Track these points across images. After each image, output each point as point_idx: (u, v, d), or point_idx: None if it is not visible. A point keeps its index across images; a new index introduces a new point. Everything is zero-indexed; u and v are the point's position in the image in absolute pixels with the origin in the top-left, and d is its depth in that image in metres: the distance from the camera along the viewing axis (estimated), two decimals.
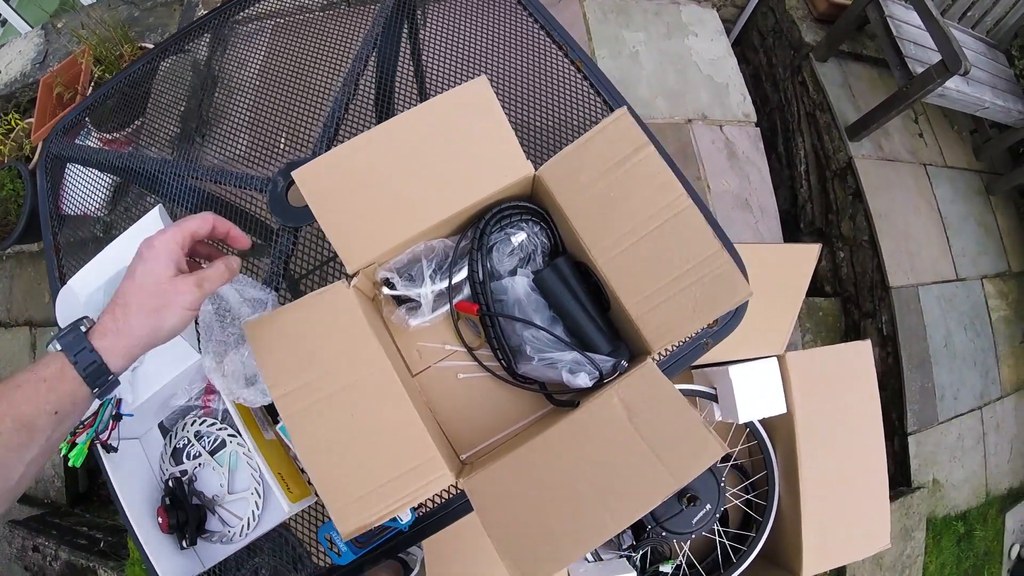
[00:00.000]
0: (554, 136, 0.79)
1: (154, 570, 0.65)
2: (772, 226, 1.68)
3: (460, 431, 0.62)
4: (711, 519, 1.16)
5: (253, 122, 1.08)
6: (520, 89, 0.84)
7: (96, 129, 2.05)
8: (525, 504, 0.50)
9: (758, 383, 1.13)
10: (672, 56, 1.84)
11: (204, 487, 0.74)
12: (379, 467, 0.52)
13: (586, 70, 0.76)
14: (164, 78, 1.36)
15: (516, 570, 0.47)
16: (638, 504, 0.49)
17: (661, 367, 0.65)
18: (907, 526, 1.88)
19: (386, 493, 0.51)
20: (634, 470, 0.50)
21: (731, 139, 1.73)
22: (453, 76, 0.90)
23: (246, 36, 1.34)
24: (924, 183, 2.16)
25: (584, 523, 0.49)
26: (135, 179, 1.13)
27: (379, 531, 0.63)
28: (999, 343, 2.20)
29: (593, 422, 0.52)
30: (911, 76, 1.81)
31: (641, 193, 0.56)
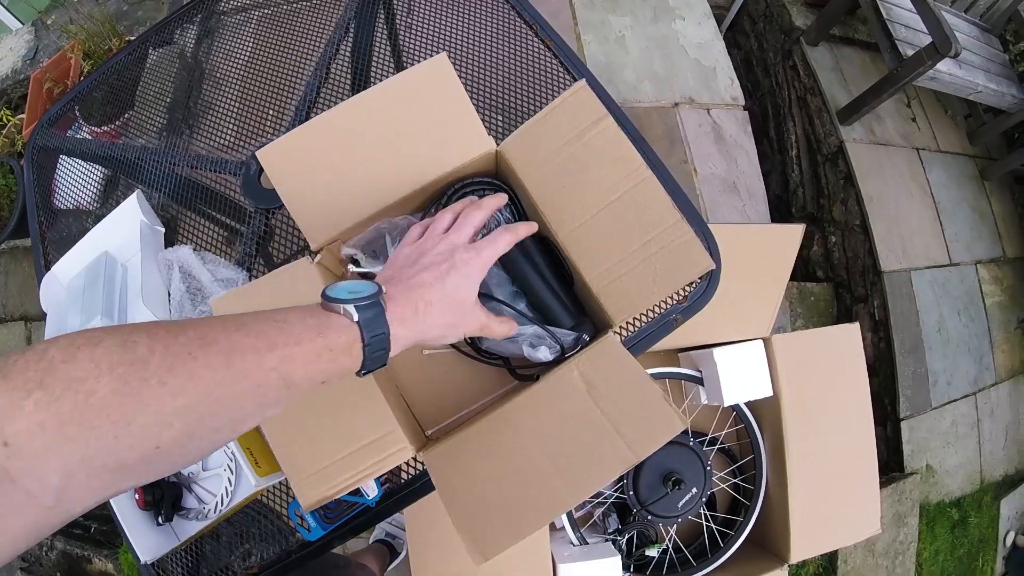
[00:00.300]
0: (526, 115, 0.78)
1: (130, 543, 0.67)
2: (760, 209, 1.67)
3: (427, 407, 0.62)
4: (697, 503, 1.16)
5: (240, 111, 1.09)
6: (493, 69, 0.84)
7: (86, 123, 2.05)
8: (483, 477, 0.50)
9: (743, 366, 1.13)
10: (659, 40, 1.83)
11: None
12: (340, 440, 0.52)
13: (555, 49, 0.76)
14: (152, 70, 1.36)
15: (472, 543, 0.47)
16: (595, 478, 0.48)
17: (629, 343, 0.65)
18: (900, 512, 1.88)
19: (347, 466, 0.51)
20: (592, 444, 0.49)
21: (718, 122, 1.72)
22: (426, 56, 0.89)
23: (233, 27, 1.34)
24: (917, 167, 2.15)
25: (541, 496, 0.48)
26: (115, 167, 1.14)
27: (347, 507, 0.63)
28: (993, 329, 2.20)
29: (553, 395, 0.52)
30: (901, 59, 1.80)
31: (600, 165, 0.55)
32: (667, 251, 0.53)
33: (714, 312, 1.14)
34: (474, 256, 0.48)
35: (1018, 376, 2.27)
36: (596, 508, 1.17)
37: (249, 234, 0.78)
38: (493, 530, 0.47)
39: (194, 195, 0.97)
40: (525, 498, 0.49)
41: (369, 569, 0.95)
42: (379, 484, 0.62)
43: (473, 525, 0.48)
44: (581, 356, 0.53)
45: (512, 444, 0.51)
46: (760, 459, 1.20)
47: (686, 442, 1.15)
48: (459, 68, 0.85)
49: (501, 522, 0.48)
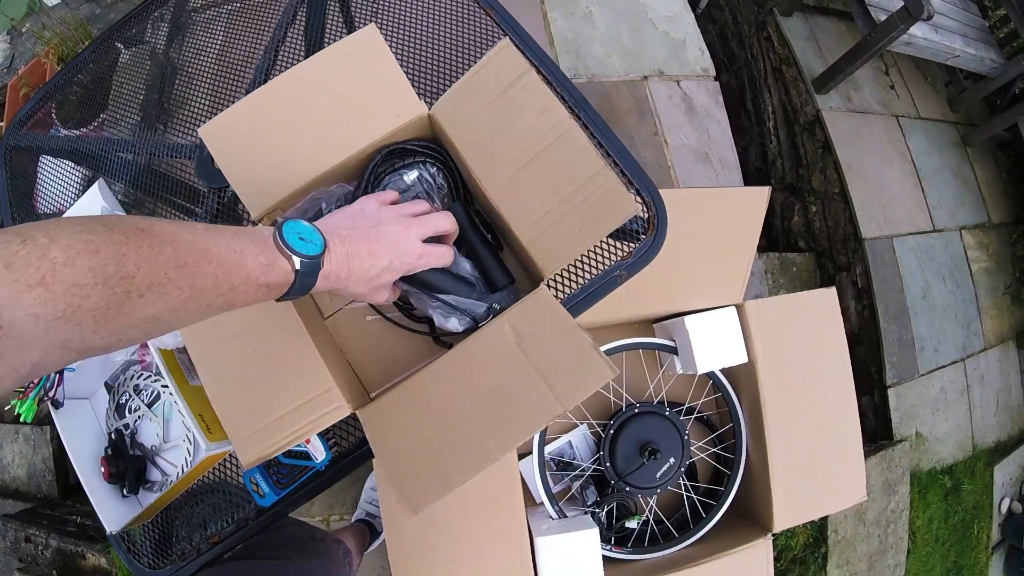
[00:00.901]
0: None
1: (98, 514, 0.70)
2: (734, 178, 1.67)
3: (372, 370, 0.62)
4: (676, 473, 1.16)
5: (211, 105, 1.10)
6: (437, 42, 0.84)
7: (64, 126, 2.05)
8: (414, 433, 0.51)
9: (716, 333, 1.13)
10: (627, 14, 1.82)
11: (144, 439, 0.77)
12: (278, 399, 0.53)
13: (497, 18, 0.76)
14: (124, 70, 1.37)
15: (401, 497, 0.48)
16: (522, 429, 0.49)
17: (572, 300, 0.65)
18: (890, 480, 1.88)
19: (285, 424, 0.52)
20: (520, 395, 0.50)
21: (689, 94, 1.71)
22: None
23: (203, 24, 1.34)
24: (897, 135, 2.14)
25: (468, 450, 0.49)
26: (81, 160, 1.15)
27: (299, 472, 0.64)
28: (980, 295, 2.19)
29: (483, 349, 0.52)
30: (874, 24, 1.79)
31: (524, 119, 0.55)
32: (592, 199, 0.53)
33: (685, 280, 1.14)
34: (403, 231, 0.51)
35: (1007, 342, 2.26)
36: (574, 481, 1.17)
37: (202, 213, 0.78)
38: (422, 483, 0.48)
39: (154, 182, 0.97)
40: (453, 451, 0.49)
41: (345, 545, 0.95)
42: (327, 448, 0.63)
43: (403, 479, 0.49)
44: (513, 309, 0.54)
45: (443, 398, 0.51)
46: (739, 427, 1.20)
47: (662, 412, 1.15)
48: (405, 41, 0.85)
49: (430, 475, 0.48)
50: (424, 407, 0.51)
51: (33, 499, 2.05)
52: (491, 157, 0.55)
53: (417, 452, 0.50)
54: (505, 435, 0.49)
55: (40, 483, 2.06)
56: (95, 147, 1.09)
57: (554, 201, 0.54)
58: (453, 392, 0.51)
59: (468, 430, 0.49)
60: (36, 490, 2.07)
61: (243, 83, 1.08)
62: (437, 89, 0.81)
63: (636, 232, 0.68)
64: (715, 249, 1.13)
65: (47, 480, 2.04)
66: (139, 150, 0.98)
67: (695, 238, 1.10)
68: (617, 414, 1.15)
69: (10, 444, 2.23)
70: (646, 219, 0.69)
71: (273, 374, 0.53)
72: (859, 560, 1.86)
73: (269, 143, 0.61)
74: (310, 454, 0.62)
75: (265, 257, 0.43)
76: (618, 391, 1.15)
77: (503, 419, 0.49)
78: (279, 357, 0.54)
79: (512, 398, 0.50)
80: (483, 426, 0.49)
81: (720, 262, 1.14)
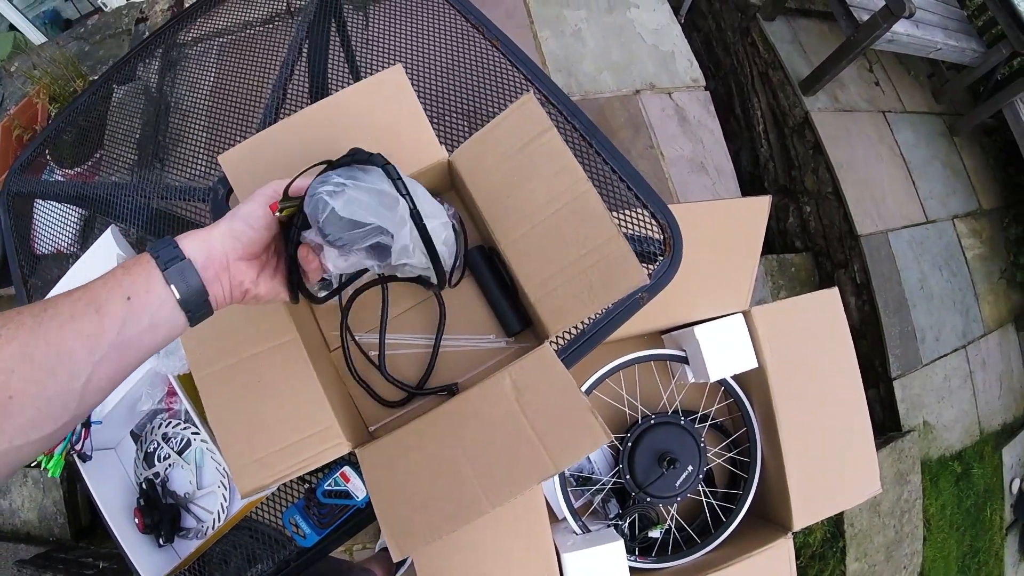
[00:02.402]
0: (480, 116, 0.80)
1: (135, 567, 0.68)
2: (730, 186, 1.69)
3: (371, 404, 0.63)
4: (695, 480, 1.17)
5: (209, 140, 1.10)
6: (447, 73, 0.85)
7: (59, 166, 2.05)
8: (409, 477, 0.52)
9: (726, 340, 1.15)
10: (615, 29, 1.85)
11: (176, 486, 0.77)
12: (280, 432, 0.54)
13: (503, 48, 0.77)
14: (118, 108, 1.37)
15: (391, 539, 0.49)
16: (514, 485, 0.50)
17: (604, 321, 0.66)
18: (901, 470, 1.90)
19: (285, 456, 0.53)
20: (515, 451, 0.51)
21: (681, 105, 1.74)
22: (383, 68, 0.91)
23: (194, 58, 1.35)
24: (884, 130, 2.18)
25: (459, 500, 0.50)
26: (89, 205, 1.15)
27: (339, 511, 0.64)
28: (977, 281, 2.22)
29: (483, 401, 0.53)
30: (857, 24, 1.83)
31: (542, 177, 0.56)
32: (602, 265, 0.54)
33: (692, 291, 1.16)
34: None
35: (1006, 325, 2.29)
36: (595, 495, 1.18)
37: None
38: (413, 528, 0.49)
39: (166, 225, 0.98)
40: (444, 500, 0.50)
41: (374, 574, 0.96)
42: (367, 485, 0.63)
43: (395, 522, 0.50)
44: (515, 364, 0.55)
45: (439, 446, 0.52)
46: (753, 431, 1.21)
47: (677, 421, 1.16)
48: (413, 75, 0.86)
49: (420, 521, 0.50)
50: (421, 452, 0.52)
51: (45, 543, 2.03)
52: (507, 211, 0.57)
53: (410, 496, 0.51)
54: (497, 490, 0.50)
55: (52, 526, 2.04)
56: (104, 192, 1.09)
57: (565, 262, 0.55)
58: (450, 441, 0.52)
59: (461, 480, 0.51)
60: (48, 533, 2.06)
61: (240, 116, 1.08)
62: (443, 123, 0.82)
63: (654, 254, 0.69)
64: (720, 259, 1.15)
65: (59, 523, 2.02)
66: (150, 194, 0.98)
67: (701, 250, 1.12)
68: (633, 426, 1.17)
69: (19, 488, 2.21)
70: (662, 241, 0.70)
71: (276, 406, 0.54)
72: (876, 551, 1.87)
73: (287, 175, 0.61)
74: (350, 492, 0.63)
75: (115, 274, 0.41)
76: (632, 403, 1.17)
77: (495, 474, 0.50)
78: (283, 389, 0.55)
79: (506, 454, 0.51)
80: (476, 479, 0.50)
81: (726, 271, 1.16)
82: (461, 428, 0.53)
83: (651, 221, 0.70)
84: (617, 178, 0.72)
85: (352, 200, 0.44)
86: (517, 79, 0.80)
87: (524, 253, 0.57)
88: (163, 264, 0.42)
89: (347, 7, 1.02)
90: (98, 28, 2.55)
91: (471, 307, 0.64)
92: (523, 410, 0.52)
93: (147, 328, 0.41)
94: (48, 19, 2.99)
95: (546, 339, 0.57)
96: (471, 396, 0.55)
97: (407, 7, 0.94)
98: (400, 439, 0.55)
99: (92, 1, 2.90)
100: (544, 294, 0.56)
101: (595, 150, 0.72)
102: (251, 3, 1.29)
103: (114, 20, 2.53)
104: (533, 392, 0.53)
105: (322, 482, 0.65)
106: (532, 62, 0.75)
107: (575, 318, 0.55)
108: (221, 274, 0.45)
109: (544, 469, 0.50)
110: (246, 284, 0.46)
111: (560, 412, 0.52)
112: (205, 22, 1.32)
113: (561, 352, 0.67)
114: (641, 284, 0.53)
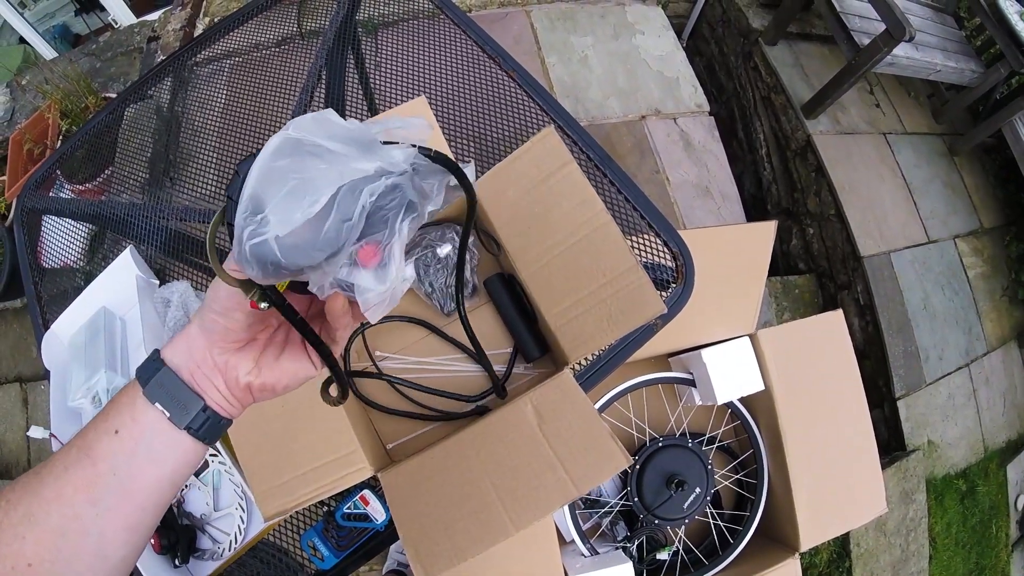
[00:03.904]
0: (498, 147, 0.81)
1: None
2: (735, 210, 1.71)
3: (388, 423, 0.64)
4: (702, 502, 1.17)
5: (219, 159, 1.11)
6: (464, 101, 0.87)
7: (68, 181, 2.07)
8: (432, 500, 0.53)
9: (732, 363, 1.15)
10: (621, 56, 1.88)
11: (192, 508, 0.77)
12: (304, 456, 0.55)
13: (519, 79, 0.79)
14: (129, 125, 1.39)
15: (416, 561, 0.50)
16: (537, 509, 0.51)
17: (614, 350, 0.68)
18: (906, 489, 1.89)
19: (308, 480, 0.54)
20: (538, 476, 0.52)
21: (686, 130, 1.77)
22: (402, 98, 0.93)
23: (206, 77, 1.37)
24: (885, 151, 2.20)
25: (485, 523, 0.51)
26: (106, 224, 1.16)
27: (358, 533, 0.65)
28: (979, 299, 2.23)
29: (505, 426, 0.54)
30: (859, 49, 1.86)
31: (562, 209, 0.58)
32: (622, 295, 0.56)
33: (699, 314, 1.17)
34: None
35: (1009, 343, 2.30)
36: (603, 518, 1.18)
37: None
38: (438, 550, 0.50)
39: (182, 247, 0.99)
40: (469, 523, 0.51)
41: None
42: (387, 508, 0.64)
43: (419, 543, 0.51)
44: (536, 390, 0.56)
45: (463, 470, 0.53)
46: (759, 453, 1.22)
47: (685, 444, 1.17)
48: (432, 104, 0.88)
49: (445, 544, 0.51)
50: (444, 477, 0.53)
51: None
52: (528, 241, 0.58)
53: (434, 519, 0.52)
54: (521, 513, 0.51)
55: None
56: (121, 211, 1.10)
57: (585, 291, 0.57)
58: (473, 465, 0.53)
59: (485, 504, 0.51)
60: None
61: (251, 136, 1.10)
62: (460, 149, 0.84)
63: (667, 282, 0.71)
64: (727, 283, 1.16)
65: None
66: (168, 215, 0.99)
67: (708, 274, 1.13)
68: (641, 449, 1.17)
69: None
70: (675, 268, 0.72)
71: (300, 430, 0.55)
72: (883, 571, 1.86)
73: None
74: (370, 515, 0.64)
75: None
76: (640, 426, 1.17)
77: (519, 497, 0.51)
78: (307, 414, 0.56)
79: (529, 478, 0.52)
80: (500, 502, 0.51)
81: (733, 295, 1.17)
82: (484, 452, 0.54)
83: (663, 249, 0.71)
84: (630, 207, 0.74)
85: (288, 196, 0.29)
86: (531, 108, 0.82)
87: (545, 282, 0.58)
88: (144, 382, 0.36)
89: (362, 32, 1.04)
90: (110, 45, 2.59)
91: (491, 333, 0.65)
92: (545, 435, 0.53)
93: (145, 462, 0.35)
94: (57, 34, 3.03)
95: (565, 366, 0.59)
96: (493, 421, 0.56)
97: (423, 36, 0.97)
98: (423, 463, 0.55)
99: (102, 18, 2.94)
100: (564, 322, 0.57)
101: (609, 180, 0.73)
102: (264, 26, 1.31)
103: (126, 38, 2.57)
104: (554, 418, 0.54)
105: (341, 505, 0.66)
106: (548, 93, 0.77)
107: (595, 346, 0.57)
108: (212, 375, 0.37)
109: (567, 493, 0.51)
110: (242, 377, 0.38)
111: (581, 437, 0.53)
112: (219, 44, 1.34)
113: (578, 378, 0.68)
114: (659, 313, 0.55)
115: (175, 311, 0.79)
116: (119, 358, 0.87)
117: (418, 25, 1.02)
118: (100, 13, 2.94)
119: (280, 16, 1.33)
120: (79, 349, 0.90)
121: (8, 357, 2.39)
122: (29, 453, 2.26)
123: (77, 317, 0.97)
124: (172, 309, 0.80)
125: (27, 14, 2.82)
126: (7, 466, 2.30)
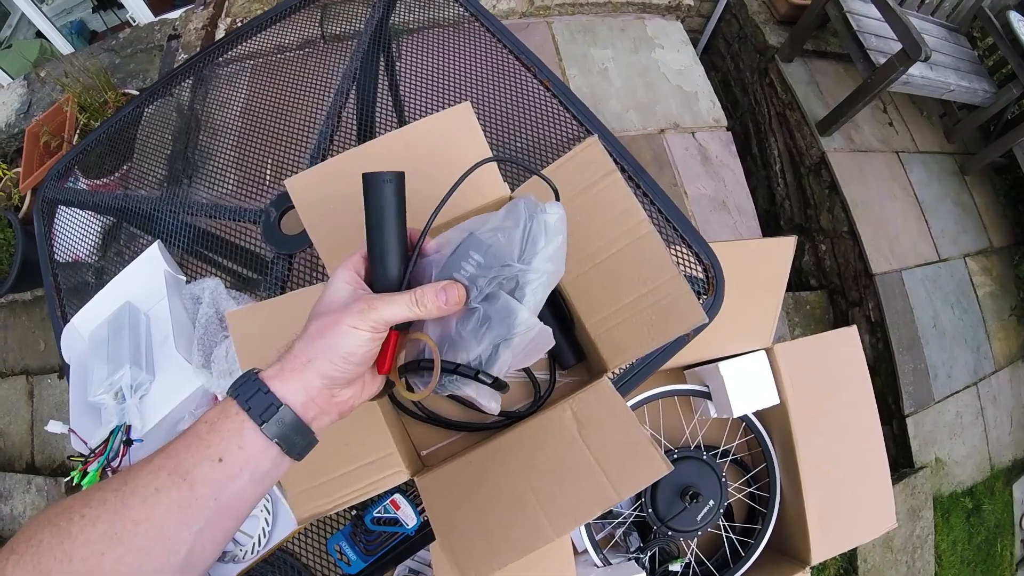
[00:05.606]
0: (530, 154, 0.82)
1: None
2: (751, 225, 1.72)
3: (421, 427, 0.64)
4: (715, 515, 1.17)
5: (239, 159, 1.12)
6: (495, 110, 0.88)
7: (84, 175, 2.07)
8: (471, 505, 0.52)
9: (749, 377, 1.16)
10: (640, 69, 1.90)
11: None
12: (340, 458, 0.55)
13: (554, 88, 0.80)
14: (149, 122, 1.40)
15: (456, 566, 0.50)
16: (577, 514, 0.50)
17: (647, 359, 0.68)
18: (913, 506, 1.89)
19: (345, 483, 0.54)
20: (578, 481, 0.51)
21: (703, 144, 1.78)
22: (430, 104, 0.94)
23: (227, 77, 1.38)
24: (898, 169, 2.21)
25: (524, 528, 0.51)
26: (130, 219, 1.16)
27: (387, 537, 0.65)
28: (988, 318, 2.24)
29: (544, 432, 0.54)
30: (874, 67, 1.87)
31: (605, 217, 0.58)
32: (663, 304, 0.55)
33: (717, 327, 1.17)
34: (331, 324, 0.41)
35: (1017, 362, 2.30)
36: (616, 528, 1.18)
37: (273, 279, 0.80)
38: (478, 555, 0.50)
39: (210, 245, 0.99)
40: (509, 528, 0.51)
41: None
42: (417, 512, 0.64)
43: (459, 550, 0.51)
44: (576, 396, 0.56)
45: (502, 475, 0.53)
46: (773, 466, 1.22)
47: (700, 456, 1.17)
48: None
49: (485, 549, 0.50)
50: (482, 481, 0.53)
51: None
52: (569, 249, 0.58)
53: (473, 524, 0.52)
54: (561, 518, 0.50)
55: None
56: (147, 206, 1.10)
57: (625, 300, 0.57)
58: (512, 470, 0.53)
59: (524, 508, 0.51)
60: None
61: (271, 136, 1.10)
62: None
63: (698, 293, 0.71)
64: (746, 297, 1.17)
65: None
66: (197, 212, 1.00)
67: (728, 287, 1.14)
68: None
69: (21, 495, 2.19)
70: (705, 280, 0.72)
71: (335, 432, 0.55)
72: None
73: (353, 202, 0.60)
74: (400, 520, 0.64)
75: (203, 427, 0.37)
76: (656, 437, 1.17)
77: (558, 502, 0.51)
78: None
79: (569, 483, 0.52)
80: (539, 506, 0.51)
81: (750, 309, 1.18)
82: (522, 457, 0.54)
83: (694, 261, 0.72)
84: (663, 218, 0.74)
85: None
86: (563, 117, 0.83)
87: (585, 290, 0.59)
88: (258, 417, 0.38)
89: (395, 44, 1.05)
90: (129, 42, 2.60)
91: None
92: (584, 440, 0.53)
93: (248, 484, 0.37)
94: (75, 30, 3.04)
95: (602, 373, 0.59)
96: (531, 426, 0.56)
97: (452, 43, 0.98)
98: (460, 468, 0.56)
99: (119, 15, 2.96)
100: (604, 330, 0.57)
101: (643, 191, 0.74)
102: (287, 28, 1.32)
103: (146, 35, 2.59)
104: (594, 423, 0.54)
105: (371, 509, 0.66)
106: (583, 104, 0.78)
107: (634, 354, 0.57)
108: (327, 408, 0.41)
109: (607, 498, 0.51)
110: (349, 402, 0.43)
111: (621, 444, 0.53)
112: (244, 45, 1.35)
113: None
114: (700, 323, 0.55)
115: (206, 308, 0.79)
116: (143, 354, 0.87)
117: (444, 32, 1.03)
118: (118, 11, 2.96)
119: (304, 19, 1.34)
120: (101, 344, 0.89)
121: (15, 349, 2.39)
122: (33, 446, 2.25)
123: (99, 311, 0.96)
124: (203, 307, 0.80)
125: (45, 8, 2.84)
126: (10, 459, 2.29)
